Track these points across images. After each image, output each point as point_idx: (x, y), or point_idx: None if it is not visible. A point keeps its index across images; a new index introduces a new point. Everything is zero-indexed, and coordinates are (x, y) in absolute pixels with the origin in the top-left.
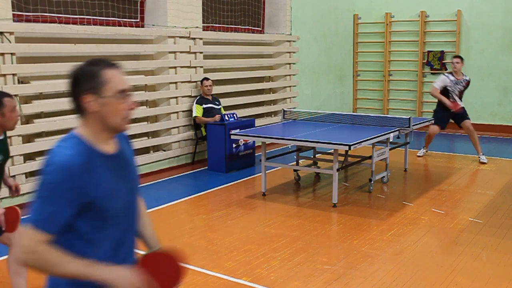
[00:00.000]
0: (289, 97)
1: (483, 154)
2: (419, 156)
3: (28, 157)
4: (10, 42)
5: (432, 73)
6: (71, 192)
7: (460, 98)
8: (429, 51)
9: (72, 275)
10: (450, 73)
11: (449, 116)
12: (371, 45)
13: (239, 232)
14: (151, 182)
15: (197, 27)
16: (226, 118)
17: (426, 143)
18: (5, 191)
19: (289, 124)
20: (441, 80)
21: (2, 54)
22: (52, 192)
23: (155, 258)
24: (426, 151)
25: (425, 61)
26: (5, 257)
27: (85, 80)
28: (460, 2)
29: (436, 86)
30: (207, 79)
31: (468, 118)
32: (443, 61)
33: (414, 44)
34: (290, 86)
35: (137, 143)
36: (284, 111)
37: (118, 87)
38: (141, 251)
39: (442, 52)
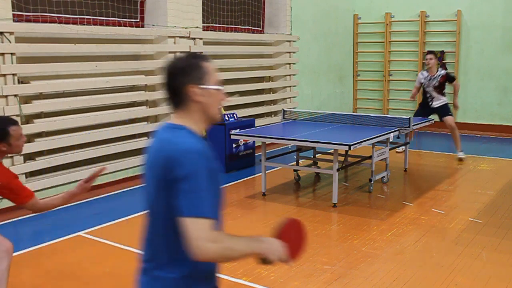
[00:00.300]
0: (289, 97)
1: (461, 151)
2: (398, 152)
3: (28, 157)
4: (10, 42)
5: (446, 71)
6: (213, 174)
7: (440, 92)
8: (429, 51)
9: (245, 254)
10: (426, 70)
11: (429, 111)
12: (371, 45)
13: (239, 232)
14: None
15: (197, 27)
16: (226, 118)
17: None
18: None
19: (289, 124)
20: (417, 78)
21: (2, 54)
22: (203, 179)
23: (287, 228)
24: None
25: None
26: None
27: (191, 71)
28: (460, 2)
29: (415, 85)
30: None
31: (450, 115)
32: (443, 61)
33: (414, 44)
34: (290, 86)
35: (137, 143)
36: (284, 111)
37: (217, 79)
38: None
39: (442, 52)
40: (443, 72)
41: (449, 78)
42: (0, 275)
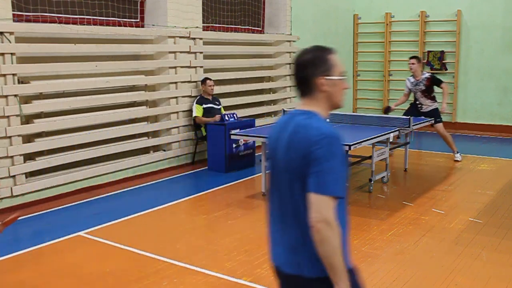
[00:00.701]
0: (289, 97)
1: (458, 152)
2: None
3: (28, 157)
4: (10, 42)
5: (436, 73)
6: (343, 159)
7: (428, 97)
8: (429, 51)
9: (333, 265)
10: (412, 75)
11: (418, 114)
12: (371, 45)
13: (239, 232)
14: (151, 182)
15: (197, 27)
16: (226, 118)
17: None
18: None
19: None
20: (405, 84)
21: (2, 54)
22: (337, 161)
23: None
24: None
25: (425, 61)
26: (5, 257)
27: (319, 64)
28: (460, 2)
29: (404, 92)
30: (209, 79)
31: (439, 121)
32: (443, 61)
33: (414, 44)
34: (290, 86)
35: (137, 143)
36: (284, 111)
37: (341, 69)
38: None
39: (442, 52)
40: (427, 74)
41: (435, 81)
42: None
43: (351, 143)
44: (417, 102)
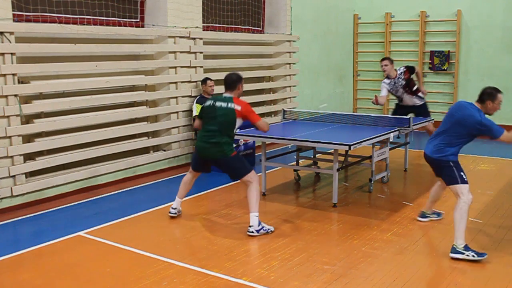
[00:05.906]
0: (289, 97)
1: None
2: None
3: (28, 157)
4: (10, 42)
5: (436, 73)
6: None
7: (412, 92)
8: (432, 51)
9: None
10: (387, 77)
11: (405, 113)
12: (371, 45)
13: (239, 232)
14: (151, 182)
15: (197, 27)
16: None
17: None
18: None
19: (289, 124)
20: (381, 87)
21: (2, 54)
22: None
23: None
24: None
25: (431, 66)
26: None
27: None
28: (460, 2)
29: (382, 95)
30: (209, 79)
31: (430, 119)
32: (450, 61)
33: (414, 44)
34: (290, 86)
35: (137, 143)
36: (284, 111)
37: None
38: None
39: (448, 52)
40: (402, 68)
41: (411, 70)
42: None
43: (351, 143)
44: (400, 100)
